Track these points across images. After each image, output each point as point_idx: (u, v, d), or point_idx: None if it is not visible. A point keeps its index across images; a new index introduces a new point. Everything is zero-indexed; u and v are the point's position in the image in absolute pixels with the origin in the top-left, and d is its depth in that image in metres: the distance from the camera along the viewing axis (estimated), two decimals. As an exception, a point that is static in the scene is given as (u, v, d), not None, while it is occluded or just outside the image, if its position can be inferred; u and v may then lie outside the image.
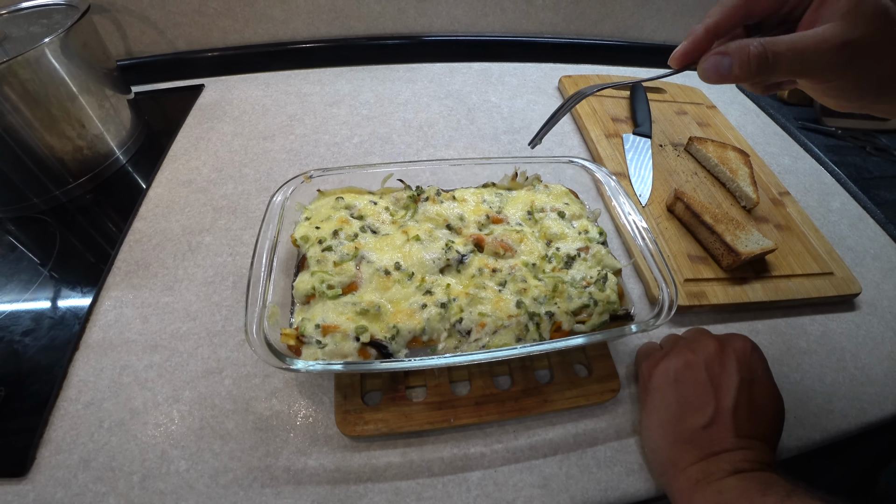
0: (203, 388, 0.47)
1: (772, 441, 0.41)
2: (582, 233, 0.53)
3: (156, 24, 0.82)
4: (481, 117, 0.83)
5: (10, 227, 0.62)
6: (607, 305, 0.47)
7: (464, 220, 0.53)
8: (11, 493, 0.40)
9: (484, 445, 0.45)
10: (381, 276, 0.47)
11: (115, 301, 0.53)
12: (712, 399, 0.40)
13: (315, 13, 0.87)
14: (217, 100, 0.83)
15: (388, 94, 0.86)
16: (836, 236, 0.69)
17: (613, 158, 0.74)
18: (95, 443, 0.43)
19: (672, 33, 1.03)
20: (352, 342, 0.42)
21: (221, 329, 0.51)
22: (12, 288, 0.55)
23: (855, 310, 0.60)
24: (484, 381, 0.47)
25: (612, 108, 0.85)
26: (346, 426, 0.44)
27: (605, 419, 0.47)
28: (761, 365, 0.43)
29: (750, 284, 0.58)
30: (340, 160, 0.73)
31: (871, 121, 0.90)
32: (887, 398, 0.52)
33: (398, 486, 0.42)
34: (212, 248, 0.59)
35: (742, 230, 0.59)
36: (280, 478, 0.42)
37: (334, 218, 0.52)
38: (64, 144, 0.63)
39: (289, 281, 0.49)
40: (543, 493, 0.42)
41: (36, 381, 0.46)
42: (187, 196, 0.66)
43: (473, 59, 0.97)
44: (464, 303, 0.46)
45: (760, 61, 0.30)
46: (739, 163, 0.72)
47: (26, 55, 0.55)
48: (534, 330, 0.45)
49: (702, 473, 0.38)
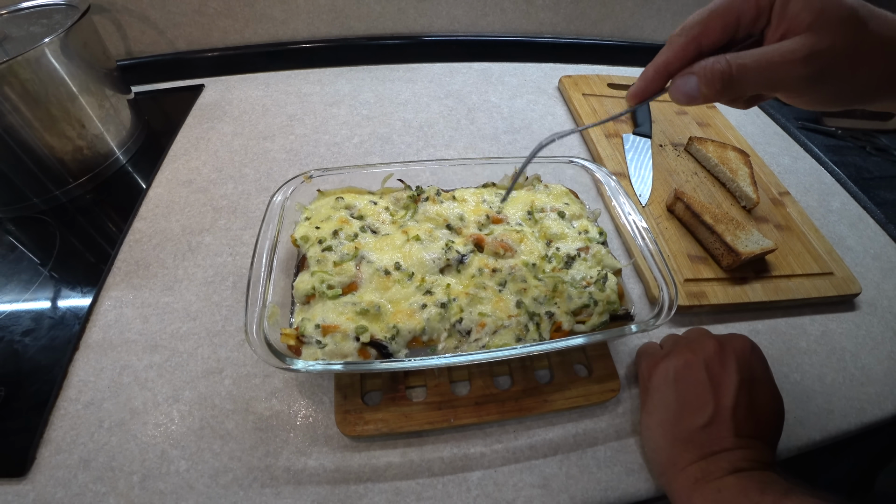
0: (203, 388, 0.47)
1: (771, 440, 0.41)
2: (582, 233, 0.53)
3: (156, 24, 0.82)
4: (481, 117, 0.83)
5: (10, 227, 0.62)
6: (607, 305, 0.47)
7: (464, 220, 0.53)
8: (11, 493, 0.40)
9: (484, 445, 0.45)
10: (381, 276, 0.47)
11: (115, 301, 0.53)
12: (712, 399, 0.40)
13: (315, 13, 0.87)
14: (217, 100, 0.83)
15: (388, 94, 0.86)
16: (836, 236, 0.69)
17: (613, 158, 0.74)
18: (95, 443, 0.43)
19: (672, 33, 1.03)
20: (352, 342, 0.42)
21: (221, 329, 0.51)
22: (12, 288, 0.55)
23: (855, 310, 0.60)
24: (484, 381, 0.47)
25: (612, 108, 0.85)
26: (346, 426, 0.44)
27: (605, 419, 0.47)
28: (761, 365, 0.43)
29: (750, 284, 0.58)
30: (340, 160, 0.73)
31: (872, 121, 0.90)
32: (887, 398, 0.52)
33: (398, 486, 0.42)
34: (212, 248, 0.59)
35: (742, 230, 0.59)
36: (280, 478, 0.42)
37: (334, 218, 0.52)
38: (64, 144, 0.63)
39: (289, 281, 0.49)
40: (543, 493, 0.42)
41: (36, 381, 0.46)
42: (187, 196, 0.66)
43: (473, 59, 0.97)
44: (464, 303, 0.46)
45: (724, 78, 0.30)
46: (739, 163, 0.72)
47: (26, 55, 0.55)
48: (534, 330, 0.45)
49: (701, 472, 0.38)
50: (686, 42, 0.32)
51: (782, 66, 0.29)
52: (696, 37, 0.32)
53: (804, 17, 0.28)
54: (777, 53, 0.29)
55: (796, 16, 0.29)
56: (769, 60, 0.29)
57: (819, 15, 0.28)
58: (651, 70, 0.34)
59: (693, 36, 0.32)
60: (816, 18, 0.28)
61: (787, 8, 0.29)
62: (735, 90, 0.30)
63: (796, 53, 0.28)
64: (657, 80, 0.34)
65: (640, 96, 0.35)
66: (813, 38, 0.28)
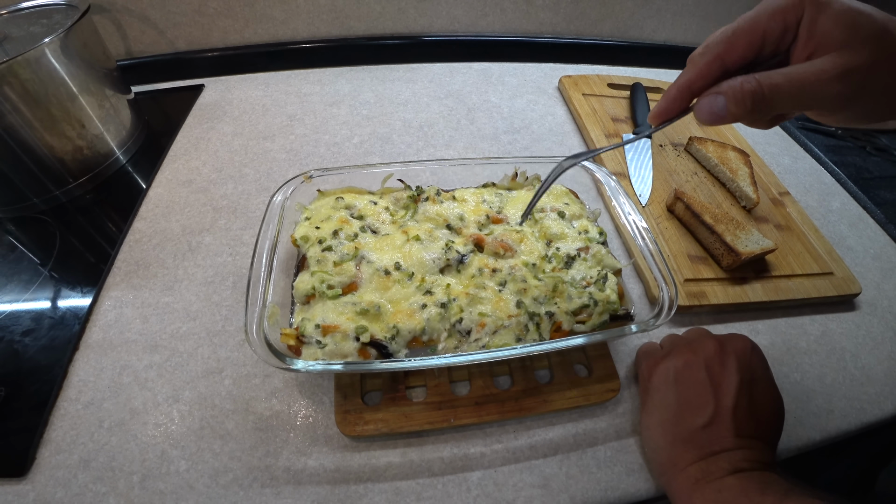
0: (203, 388, 0.47)
1: (771, 441, 0.41)
2: (582, 233, 0.53)
3: (156, 24, 0.82)
4: (481, 117, 0.83)
5: (10, 227, 0.62)
6: (607, 305, 0.47)
7: (464, 220, 0.53)
8: (11, 493, 0.40)
9: (484, 445, 0.45)
10: (381, 276, 0.47)
11: (115, 301, 0.53)
12: (712, 399, 0.40)
13: (315, 13, 0.87)
14: (217, 100, 0.83)
15: (388, 94, 0.86)
16: (836, 236, 0.69)
17: (613, 158, 0.74)
18: (95, 443, 0.43)
19: (672, 33, 1.03)
20: (352, 342, 0.42)
21: (221, 329, 0.51)
22: (12, 288, 0.55)
23: (855, 310, 0.60)
24: (484, 381, 0.47)
25: (612, 108, 0.85)
26: (346, 426, 0.44)
27: (605, 419, 0.47)
28: (761, 365, 0.43)
29: (750, 284, 0.58)
30: (340, 160, 0.73)
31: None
32: (887, 398, 0.52)
33: (398, 486, 0.42)
34: (212, 248, 0.59)
35: (742, 230, 0.59)
36: (280, 478, 0.42)
37: (334, 218, 0.52)
38: (64, 144, 0.63)
39: (289, 281, 0.49)
40: (543, 493, 0.42)
41: (36, 381, 0.46)
42: (187, 196, 0.66)
43: (473, 59, 0.97)
44: (464, 303, 0.46)
45: (756, 97, 0.29)
46: (739, 163, 0.72)
47: (26, 55, 0.55)
48: (534, 330, 0.45)
49: (701, 473, 0.38)
50: (710, 60, 0.32)
51: (816, 85, 0.28)
52: (720, 55, 0.31)
53: (835, 34, 0.28)
54: (810, 72, 0.28)
55: (827, 33, 0.28)
56: (802, 79, 0.29)
57: (851, 32, 0.28)
58: (674, 90, 0.33)
59: (717, 54, 0.31)
60: (849, 36, 0.28)
61: (815, 25, 0.29)
62: (766, 110, 0.30)
63: (830, 72, 0.28)
64: (680, 100, 0.33)
65: (663, 116, 0.35)
66: (846, 56, 0.28)
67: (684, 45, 1.05)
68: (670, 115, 0.34)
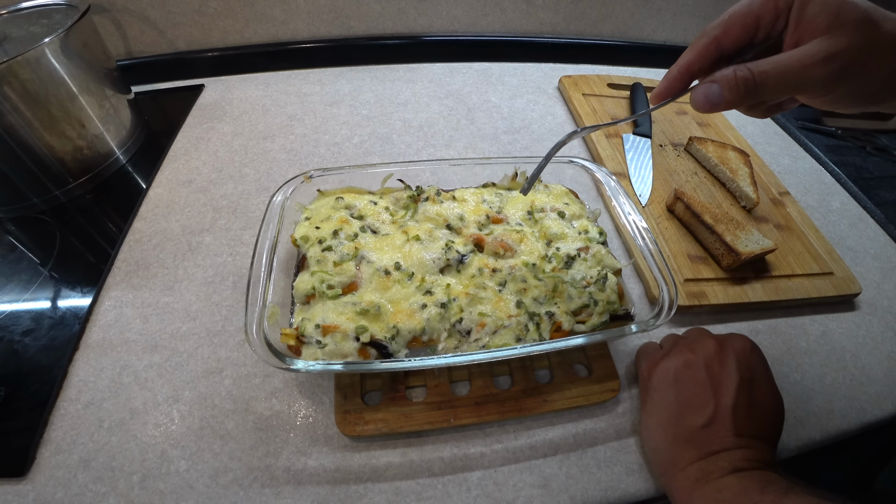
0: (203, 388, 0.47)
1: (771, 440, 0.41)
2: (582, 233, 0.53)
3: (156, 24, 0.82)
4: (481, 117, 0.83)
5: (10, 227, 0.62)
6: (607, 305, 0.47)
7: (464, 220, 0.53)
8: (11, 493, 0.40)
9: (484, 445, 0.45)
10: (381, 276, 0.47)
11: (115, 301, 0.53)
12: (712, 398, 0.40)
13: (315, 13, 0.87)
14: (217, 100, 0.83)
15: (388, 94, 0.86)
16: (836, 236, 0.69)
17: (613, 158, 0.74)
18: (95, 443, 0.43)
19: (672, 33, 1.03)
20: (352, 342, 0.42)
21: (221, 329, 0.51)
22: (12, 288, 0.55)
23: (855, 310, 0.60)
24: (484, 381, 0.47)
25: (612, 108, 0.85)
26: (346, 426, 0.44)
27: (605, 419, 0.47)
28: (761, 364, 0.43)
29: (750, 284, 0.58)
30: (340, 160, 0.73)
31: (872, 121, 0.90)
32: (887, 398, 0.52)
33: (398, 486, 0.42)
34: (212, 248, 0.59)
35: (742, 230, 0.59)
36: (280, 478, 0.42)
37: (334, 218, 0.52)
38: (64, 144, 0.63)
39: (289, 281, 0.49)
40: (543, 493, 0.42)
41: (36, 381, 0.46)
42: (187, 196, 0.66)
43: (473, 59, 0.97)
44: (464, 303, 0.46)
45: (748, 84, 0.31)
46: (739, 163, 0.72)
47: (26, 55, 0.55)
48: (534, 330, 0.45)
49: (701, 472, 0.38)
50: (707, 42, 0.34)
51: (801, 70, 0.30)
52: (716, 37, 0.34)
53: (821, 20, 0.30)
54: (795, 58, 0.30)
55: (813, 19, 0.30)
56: (788, 65, 0.30)
57: (835, 17, 0.30)
58: (675, 71, 0.36)
59: (714, 36, 0.34)
60: (833, 21, 0.30)
61: (804, 11, 0.31)
62: (757, 95, 0.32)
63: (815, 56, 0.30)
64: (680, 81, 0.36)
65: (663, 95, 0.37)
66: (830, 40, 0.30)
67: (684, 45, 1.02)
68: (670, 94, 0.37)
